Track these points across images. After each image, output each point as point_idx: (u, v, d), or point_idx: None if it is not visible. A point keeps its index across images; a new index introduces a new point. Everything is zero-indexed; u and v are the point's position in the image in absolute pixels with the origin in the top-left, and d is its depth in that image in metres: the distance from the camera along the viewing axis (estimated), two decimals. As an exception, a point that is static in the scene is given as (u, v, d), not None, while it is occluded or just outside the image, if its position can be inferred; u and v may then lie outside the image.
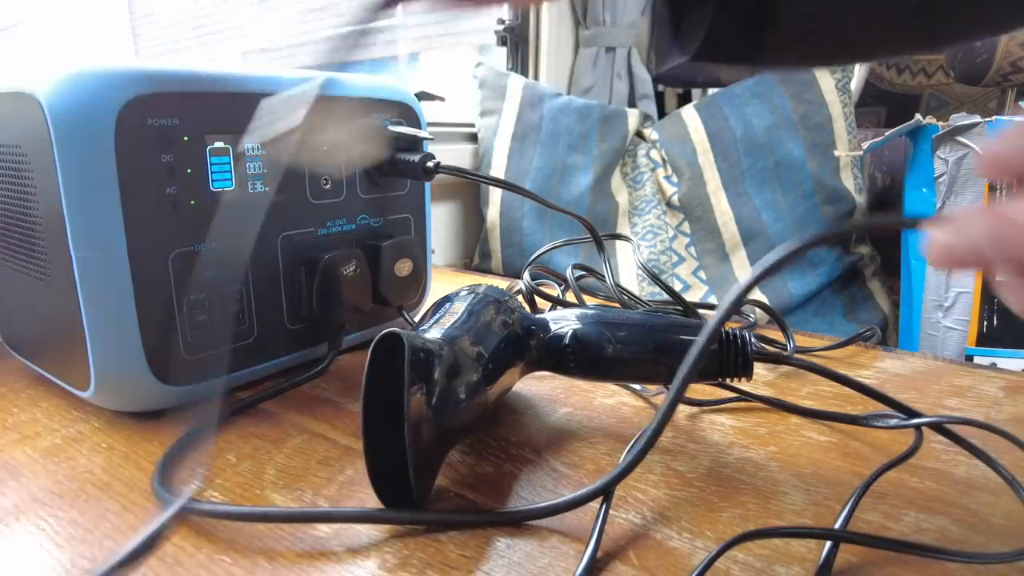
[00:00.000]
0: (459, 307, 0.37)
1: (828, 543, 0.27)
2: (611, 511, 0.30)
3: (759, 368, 0.48)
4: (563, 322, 0.38)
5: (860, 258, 1.04)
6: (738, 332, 0.35)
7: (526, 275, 0.56)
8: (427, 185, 0.53)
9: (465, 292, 0.39)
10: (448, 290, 0.42)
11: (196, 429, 0.37)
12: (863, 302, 1.01)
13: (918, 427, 0.37)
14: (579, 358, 0.38)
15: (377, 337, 0.29)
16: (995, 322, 0.78)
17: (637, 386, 0.44)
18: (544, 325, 0.38)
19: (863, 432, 0.38)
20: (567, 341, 0.37)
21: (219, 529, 0.29)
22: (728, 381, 0.38)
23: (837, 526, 0.29)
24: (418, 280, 0.51)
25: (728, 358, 0.35)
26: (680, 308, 0.57)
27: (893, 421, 0.37)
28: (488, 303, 0.38)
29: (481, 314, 0.36)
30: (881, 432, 0.38)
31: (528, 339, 0.37)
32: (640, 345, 0.36)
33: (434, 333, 0.33)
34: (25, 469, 0.33)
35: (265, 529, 0.28)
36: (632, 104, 1.29)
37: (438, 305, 0.38)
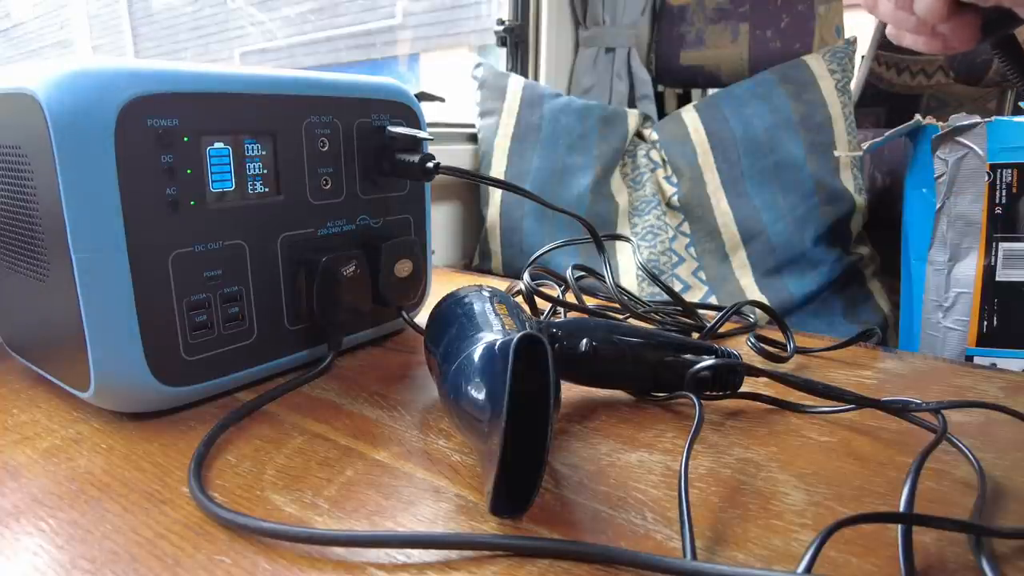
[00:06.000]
0: (501, 308, 0.37)
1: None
2: (613, 512, 0.30)
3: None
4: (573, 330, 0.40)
5: (860, 258, 1.04)
6: (732, 364, 0.39)
7: (526, 276, 0.56)
8: (427, 185, 0.53)
9: (477, 291, 0.40)
10: (447, 290, 0.42)
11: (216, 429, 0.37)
12: (863, 302, 1.01)
13: (938, 412, 0.37)
14: (592, 367, 0.40)
15: (518, 339, 0.27)
16: (995, 322, 0.78)
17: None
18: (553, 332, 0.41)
19: (863, 432, 0.38)
20: (583, 349, 0.39)
21: (219, 529, 0.29)
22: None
23: (902, 508, 0.29)
24: (418, 280, 0.51)
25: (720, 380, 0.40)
26: (680, 308, 0.57)
27: (913, 405, 0.38)
28: (513, 305, 0.39)
29: (523, 316, 0.38)
30: (882, 432, 0.38)
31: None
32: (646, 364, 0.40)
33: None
34: (25, 470, 0.33)
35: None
36: (632, 104, 1.29)
37: (458, 303, 0.39)
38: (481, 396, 0.29)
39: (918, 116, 0.81)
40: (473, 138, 1.11)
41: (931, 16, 0.31)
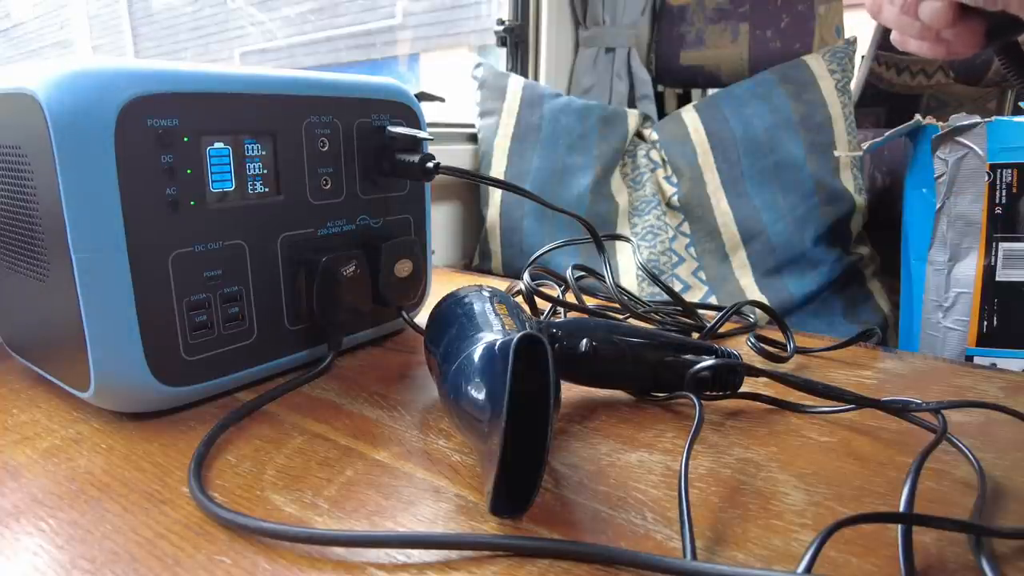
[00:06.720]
0: (501, 308, 0.37)
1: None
2: (613, 512, 0.30)
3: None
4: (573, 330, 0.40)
5: (860, 258, 1.04)
6: (732, 364, 0.39)
7: (526, 276, 0.56)
8: (427, 185, 0.53)
9: (477, 291, 0.40)
10: (447, 290, 0.42)
11: (215, 430, 0.37)
12: (863, 302, 1.01)
13: (938, 412, 0.37)
14: (592, 367, 0.40)
15: (518, 339, 0.28)
16: (995, 322, 0.78)
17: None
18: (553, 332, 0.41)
19: (863, 432, 0.38)
20: (583, 349, 0.39)
21: (219, 529, 0.29)
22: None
23: (902, 508, 0.29)
24: (418, 280, 0.51)
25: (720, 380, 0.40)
26: (680, 308, 0.57)
27: (913, 405, 0.38)
28: (513, 305, 0.39)
29: (522, 316, 0.38)
30: (882, 432, 0.38)
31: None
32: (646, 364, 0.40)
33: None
34: (25, 470, 0.33)
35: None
36: (632, 104, 1.29)
37: (458, 303, 0.39)
38: (481, 396, 0.29)
39: (918, 116, 0.81)
40: (473, 138, 1.11)
41: (936, 22, 0.31)
